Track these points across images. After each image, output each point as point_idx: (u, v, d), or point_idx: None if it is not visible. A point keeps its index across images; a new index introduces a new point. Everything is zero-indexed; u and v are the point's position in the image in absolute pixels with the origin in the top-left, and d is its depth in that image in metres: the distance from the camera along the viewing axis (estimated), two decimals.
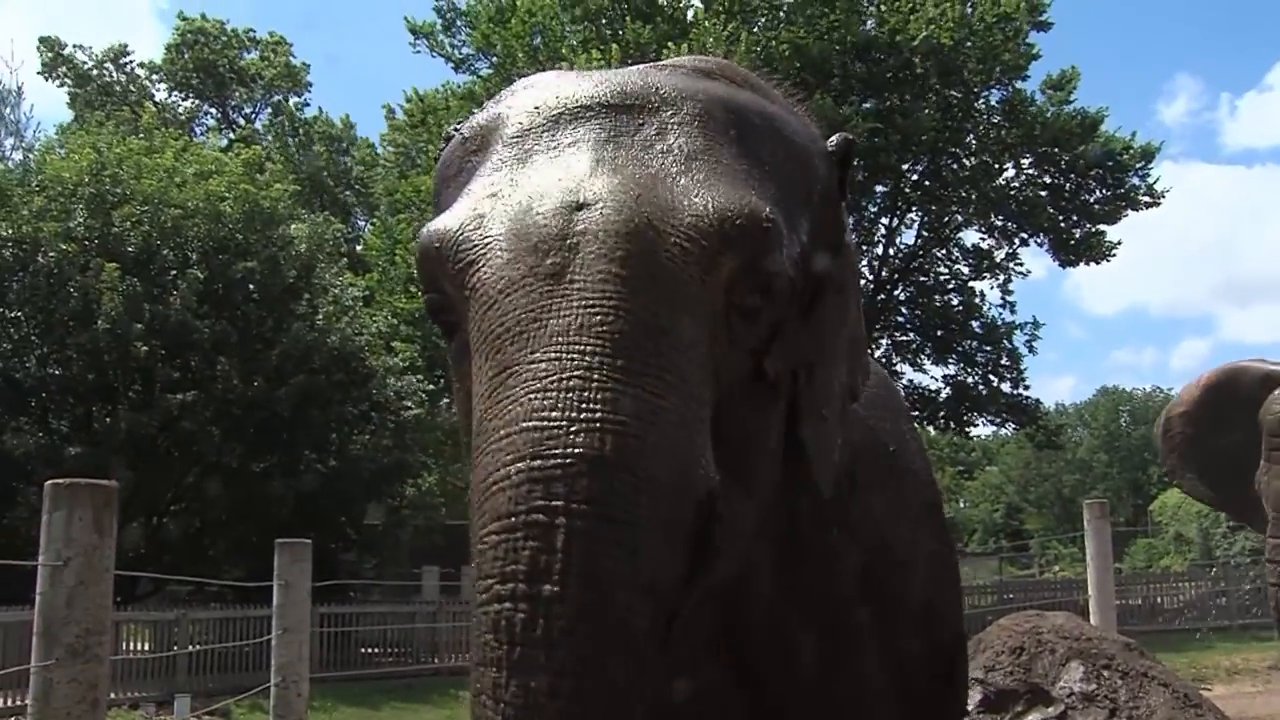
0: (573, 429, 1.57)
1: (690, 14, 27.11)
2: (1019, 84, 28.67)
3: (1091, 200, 29.80)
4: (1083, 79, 28.75)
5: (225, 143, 33.50)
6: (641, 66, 2.22)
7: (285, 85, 44.24)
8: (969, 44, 26.36)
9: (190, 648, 17.81)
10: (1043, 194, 29.56)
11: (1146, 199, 29.61)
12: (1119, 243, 30.29)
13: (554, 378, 1.62)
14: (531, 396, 1.61)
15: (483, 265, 1.79)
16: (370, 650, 21.99)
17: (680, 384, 1.68)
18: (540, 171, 1.91)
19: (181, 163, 23.40)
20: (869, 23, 26.68)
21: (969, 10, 26.44)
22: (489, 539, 1.56)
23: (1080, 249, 30.08)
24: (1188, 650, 18.76)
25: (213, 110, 44.99)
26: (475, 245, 1.82)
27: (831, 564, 2.45)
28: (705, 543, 1.70)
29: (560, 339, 1.66)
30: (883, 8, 27.07)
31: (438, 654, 22.54)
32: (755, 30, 25.98)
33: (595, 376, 1.61)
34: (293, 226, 23.57)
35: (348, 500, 23.09)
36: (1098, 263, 30.47)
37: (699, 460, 1.69)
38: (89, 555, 3.49)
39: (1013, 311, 31.38)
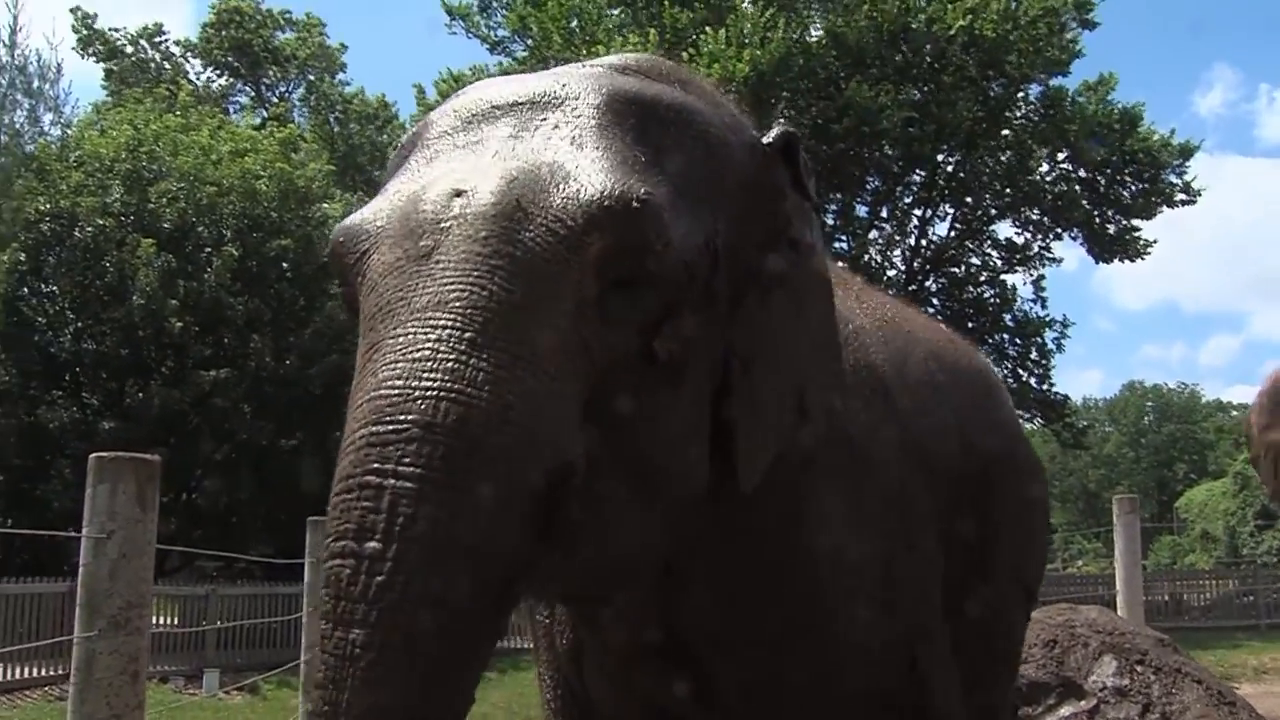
0: (411, 396, 1.63)
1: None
2: (1059, 79, 28.45)
3: (1126, 196, 29.58)
4: (1120, 68, 28.53)
5: (259, 121, 33.67)
6: (561, 68, 2.27)
7: (320, 65, 44.35)
8: (1012, 36, 26.13)
9: (219, 623, 17.90)
10: (1077, 189, 29.34)
11: (1183, 196, 29.40)
12: (1155, 241, 30.11)
13: (405, 350, 1.68)
14: (383, 368, 1.67)
15: (371, 253, 1.86)
16: None
17: (530, 357, 1.72)
18: (440, 167, 1.98)
19: (217, 140, 23.56)
20: (908, 11, 26.44)
21: (1014, 3, 26.21)
22: (333, 500, 1.62)
23: (1115, 245, 29.88)
24: (1215, 648, 18.67)
25: (247, 89, 45.14)
26: (368, 235, 1.89)
27: (775, 570, 2.43)
28: (559, 516, 1.73)
29: (419, 315, 1.72)
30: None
31: None
32: (793, 16, 25.86)
33: (441, 348, 1.67)
34: (327, 205, 23.66)
35: None
36: (1133, 260, 30.27)
37: (550, 432, 1.72)
38: (131, 528, 3.49)
39: (1044, 306, 31.21)
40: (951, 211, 31.36)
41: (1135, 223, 29.72)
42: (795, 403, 2.32)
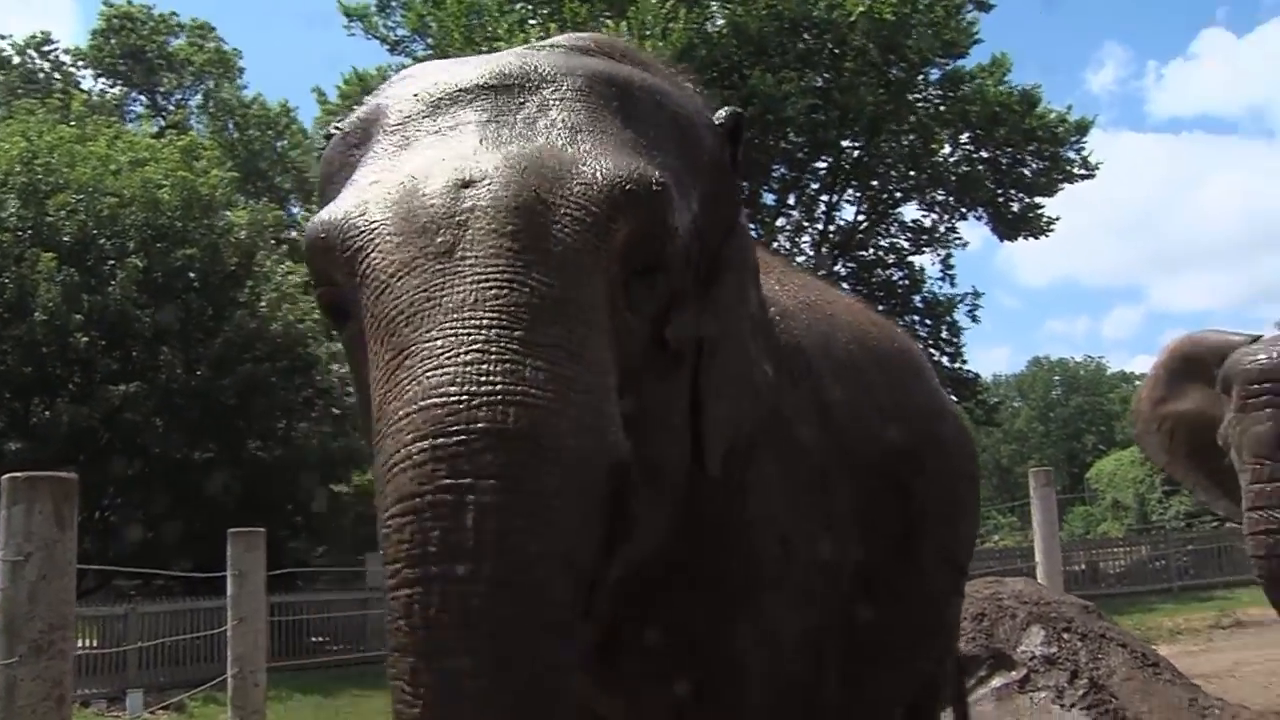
0: (474, 403, 1.54)
1: None
2: (958, 62, 28.88)
3: (1027, 174, 30.12)
4: (1015, 49, 29.08)
5: (156, 129, 33.03)
6: (519, 49, 2.20)
7: (216, 71, 43.56)
8: (911, 20, 26.46)
9: (140, 643, 17.56)
10: (981, 169, 29.82)
11: (1081, 171, 30.02)
12: (1058, 217, 30.72)
13: (450, 354, 1.58)
14: (429, 374, 1.57)
15: (371, 250, 1.75)
16: (320, 639, 21.87)
17: (582, 352, 1.66)
18: (422, 154, 1.88)
19: (115, 150, 23.13)
20: None
21: None
22: (393, 522, 1.52)
23: (1019, 223, 30.43)
24: (1131, 613, 19.12)
25: (141, 97, 44.22)
26: (362, 231, 1.78)
27: (726, 545, 2.40)
28: (621, 511, 1.69)
29: (455, 316, 1.62)
30: None
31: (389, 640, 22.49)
32: (694, 6, 25.92)
33: (493, 349, 1.58)
34: (231, 213, 23.32)
35: (294, 488, 22.91)
36: (1037, 237, 30.87)
37: (607, 428, 1.67)
38: (50, 549, 3.43)
39: (953, 284, 31.70)
40: (858, 196, 31.69)
41: (1038, 200, 30.29)
42: (750, 385, 2.29)
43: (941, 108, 29.29)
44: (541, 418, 1.56)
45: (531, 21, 26.03)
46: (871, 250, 32.53)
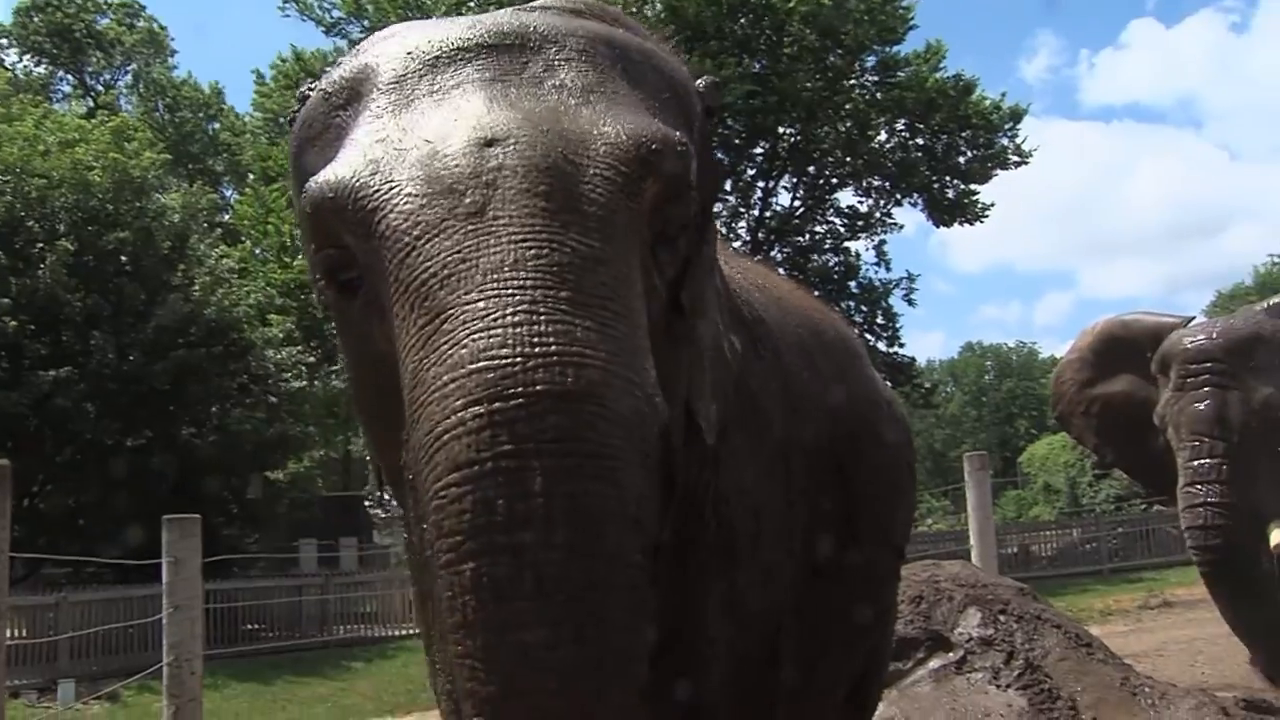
0: (529, 364, 1.48)
1: None
2: (894, 49, 29.09)
3: (962, 161, 30.42)
4: (950, 35, 29.35)
5: (85, 110, 32.42)
6: (511, 9, 2.13)
7: (147, 51, 42.79)
8: (848, 5, 26.61)
9: (71, 632, 17.28)
10: (917, 155, 30.08)
11: (1015, 159, 30.39)
12: (992, 204, 31.08)
13: (496, 315, 1.53)
14: (475, 337, 1.51)
15: (390, 211, 1.69)
16: (254, 626, 21.69)
17: (626, 312, 1.62)
18: (430, 112, 1.83)
19: (43, 131, 22.66)
20: None
21: None
22: (449, 492, 1.45)
23: (954, 209, 30.74)
24: (1064, 595, 19.41)
25: (69, 76, 43.32)
26: (378, 191, 1.72)
27: (699, 516, 2.33)
28: (668, 475, 1.66)
29: (495, 276, 1.57)
30: None
31: (326, 627, 22.38)
32: None
33: (541, 310, 1.53)
34: (165, 196, 22.95)
35: (229, 474, 22.66)
36: (972, 223, 31.19)
37: (654, 389, 1.62)
38: None
39: (888, 269, 31.98)
40: (794, 182, 31.83)
41: (973, 187, 30.62)
42: (724, 355, 2.27)
43: (878, 94, 29.49)
44: (600, 377, 1.51)
45: (470, 4, 25.86)
46: (808, 236, 32.71)
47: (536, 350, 1.49)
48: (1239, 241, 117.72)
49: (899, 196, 31.37)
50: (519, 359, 1.48)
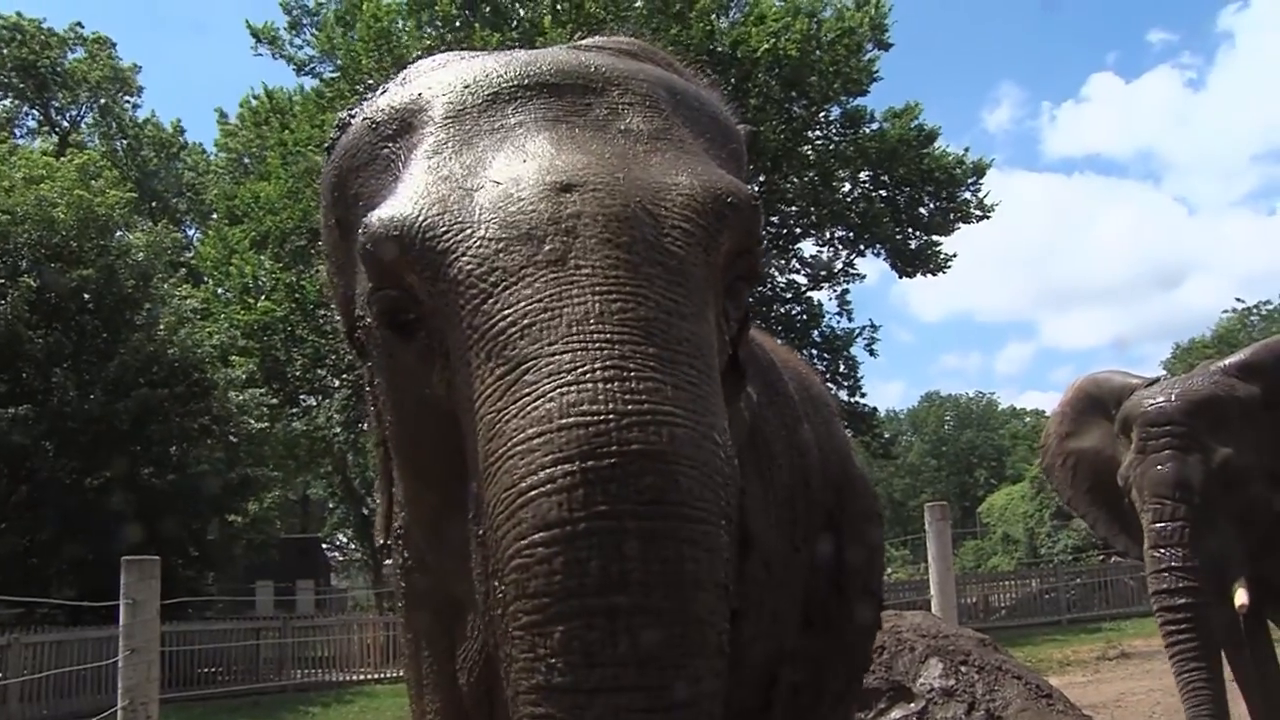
0: (623, 423, 1.42)
1: (537, 24, 27.10)
2: (859, 100, 29.46)
3: (925, 214, 30.72)
4: (914, 87, 29.76)
5: (41, 144, 32.23)
6: (563, 47, 2.09)
7: (113, 87, 42.61)
8: (814, 57, 26.95)
9: (24, 674, 16.98)
10: (880, 206, 30.35)
11: (978, 212, 30.70)
12: (955, 255, 31.33)
13: (585, 369, 1.46)
14: (563, 391, 1.45)
15: (464, 254, 1.62)
16: (211, 669, 21.42)
17: (707, 370, 1.56)
18: (497, 153, 1.76)
19: (8, 166, 22.52)
20: (714, 35, 27.03)
21: (814, 25, 27.05)
22: (535, 552, 1.38)
23: (917, 260, 30.98)
24: (1022, 645, 19.49)
25: (34, 112, 43.05)
26: (449, 232, 1.65)
27: None
28: (743, 535, 1.64)
29: (580, 328, 1.50)
30: (727, 20, 27.50)
31: (284, 670, 22.14)
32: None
33: (631, 365, 1.46)
34: (130, 235, 22.84)
35: (189, 516, 22.44)
36: (935, 274, 31.43)
37: (732, 449, 1.55)
38: None
39: (850, 319, 32.16)
40: None
41: (935, 238, 30.89)
42: (740, 410, 2.15)
43: (842, 145, 29.80)
44: (690, 437, 1.45)
45: (440, 50, 25.98)
46: (770, 285, 32.86)
47: (629, 408, 1.43)
48: (1197, 294, 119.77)
49: (862, 247, 31.63)
50: (611, 416, 1.42)
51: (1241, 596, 6.35)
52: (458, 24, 26.84)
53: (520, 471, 1.43)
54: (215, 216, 32.79)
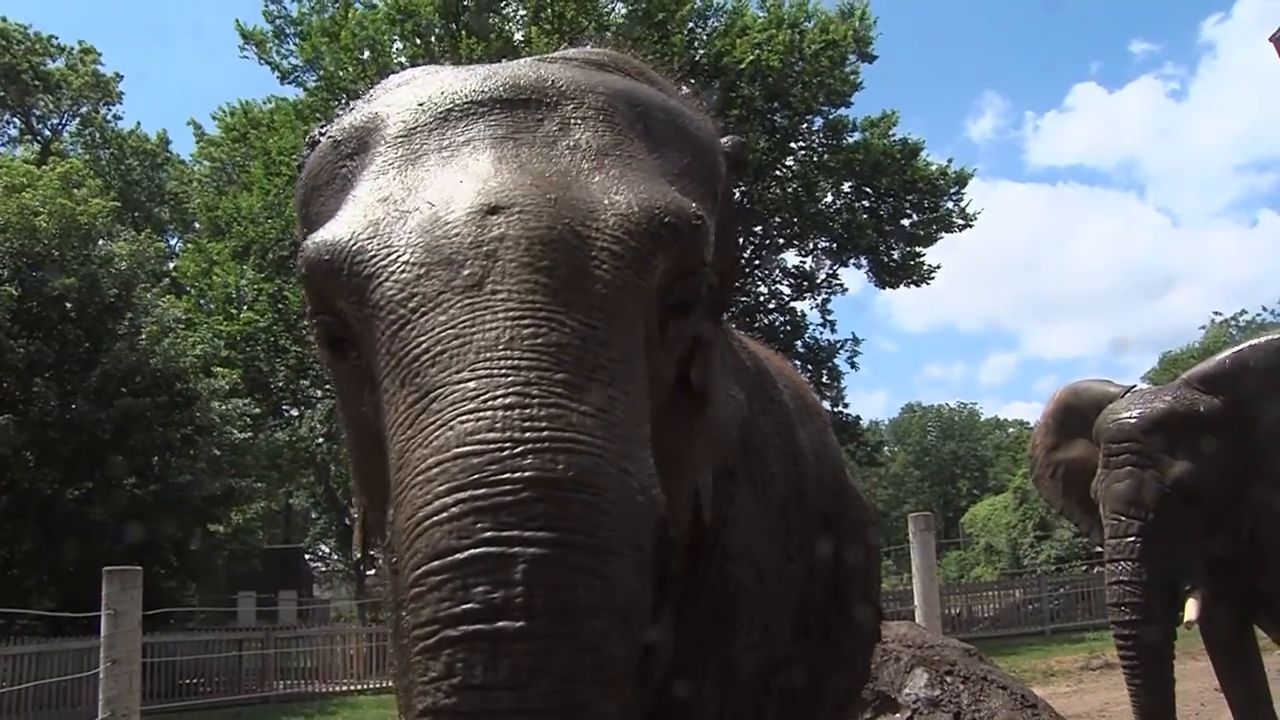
0: (517, 450, 1.40)
1: (520, 34, 27.13)
2: (842, 111, 29.54)
3: (907, 225, 30.82)
4: (897, 97, 29.83)
5: (24, 153, 32.11)
6: (529, 59, 2.04)
7: (95, 95, 42.46)
8: (797, 68, 27.04)
9: (3, 686, 16.86)
10: (863, 217, 30.43)
11: (960, 222, 30.81)
12: (938, 266, 31.44)
13: (486, 396, 1.44)
14: (463, 419, 1.43)
15: (386, 280, 1.60)
16: (193, 680, 21.32)
17: (625, 396, 1.52)
18: (437, 173, 1.74)
19: None
20: (696, 46, 27.13)
21: (797, 36, 27.14)
22: (427, 580, 1.37)
23: (899, 271, 31.08)
24: (1005, 655, 19.51)
25: (15, 119, 42.88)
26: (375, 256, 1.63)
27: (704, 578, 2.25)
28: (664, 569, 1.56)
29: (489, 355, 1.48)
30: (709, 31, 27.58)
31: (266, 681, 22.05)
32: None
33: (534, 392, 1.44)
34: (113, 244, 22.77)
35: (171, 526, 22.33)
36: (918, 285, 31.53)
37: (651, 479, 1.52)
38: None
39: (833, 330, 32.22)
40: (741, 241, 31.97)
41: (918, 249, 30.98)
42: (732, 424, 2.15)
43: (825, 156, 29.88)
44: (592, 465, 1.42)
45: (423, 59, 25.98)
46: (753, 296, 32.93)
47: (526, 435, 1.42)
48: (1181, 305, 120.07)
49: (845, 257, 31.70)
50: (508, 444, 1.41)
51: (1191, 611, 6.54)
52: (440, 33, 26.85)
53: (419, 501, 1.42)
54: (198, 226, 32.68)
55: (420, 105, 1.86)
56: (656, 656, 1.52)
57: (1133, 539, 6.48)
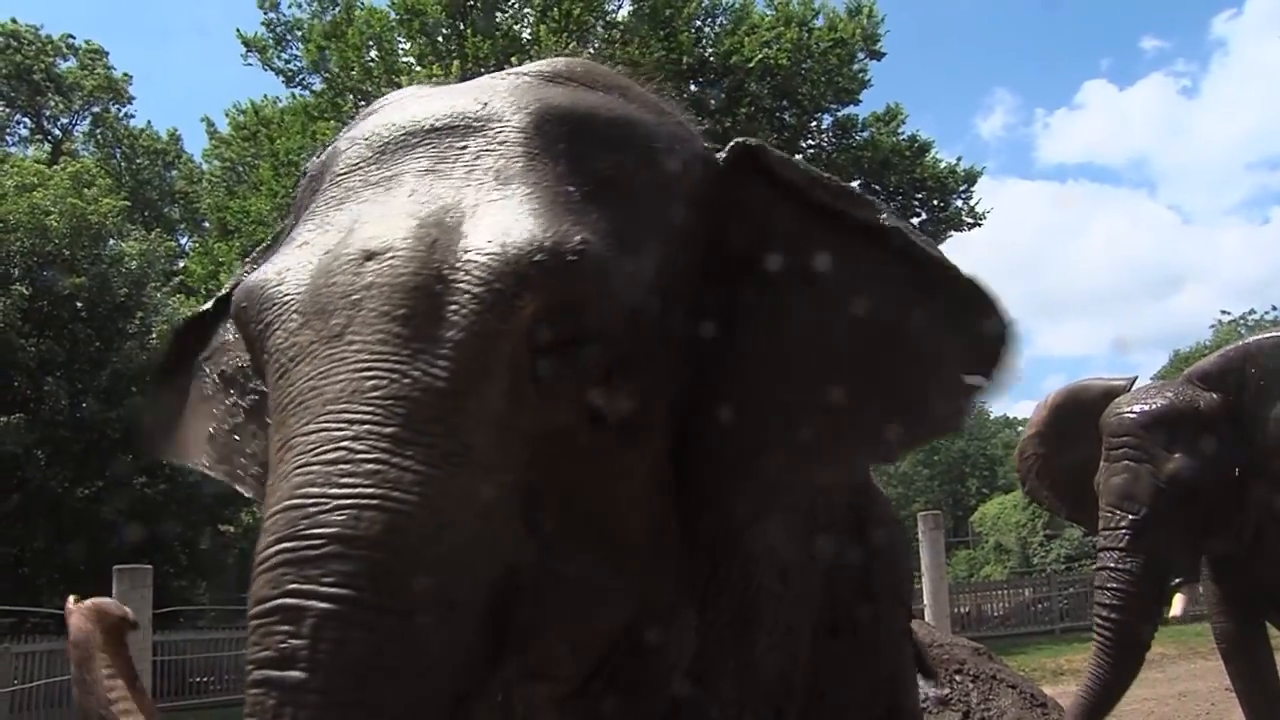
0: (328, 506, 1.45)
1: (528, 32, 27.12)
2: (851, 109, 29.50)
3: (917, 223, 30.73)
4: (906, 95, 29.70)
5: (33, 152, 32.18)
6: (488, 77, 2.02)
7: (106, 96, 42.57)
8: (805, 66, 27.00)
9: (15, 684, 16.92)
10: None
11: (969, 220, 30.74)
12: None
13: (317, 450, 1.49)
14: (296, 473, 1.49)
15: (278, 328, 1.65)
16: (203, 678, 21.35)
17: (462, 450, 1.53)
18: (349, 213, 1.75)
19: (1, 174, 22.48)
20: (703, 44, 27.11)
21: (805, 34, 27.11)
22: (251, 622, 1.45)
23: None
24: (1015, 654, 19.45)
25: (26, 120, 43.00)
26: (274, 305, 1.67)
27: (724, 579, 2.22)
28: (506, 620, 1.56)
29: (332, 409, 1.52)
30: (718, 28, 27.56)
31: None
32: (592, 48, 26.13)
33: (359, 446, 1.48)
34: (124, 243, 22.84)
35: (181, 525, 22.41)
36: None
37: (490, 534, 1.54)
38: None
39: None
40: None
41: None
42: (805, 469, 1.99)
43: (833, 154, 29.83)
44: (398, 523, 1.45)
45: (430, 58, 25.99)
46: None
47: (340, 491, 1.46)
48: (1190, 303, 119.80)
49: None
50: (322, 499, 1.46)
51: (1177, 606, 6.70)
52: (448, 33, 26.84)
53: (260, 547, 1.48)
54: (208, 226, 32.74)
55: (366, 139, 1.86)
56: (472, 708, 1.52)
57: (1124, 531, 6.51)
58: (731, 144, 2.06)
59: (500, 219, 1.66)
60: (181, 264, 33.94)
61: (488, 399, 1.57)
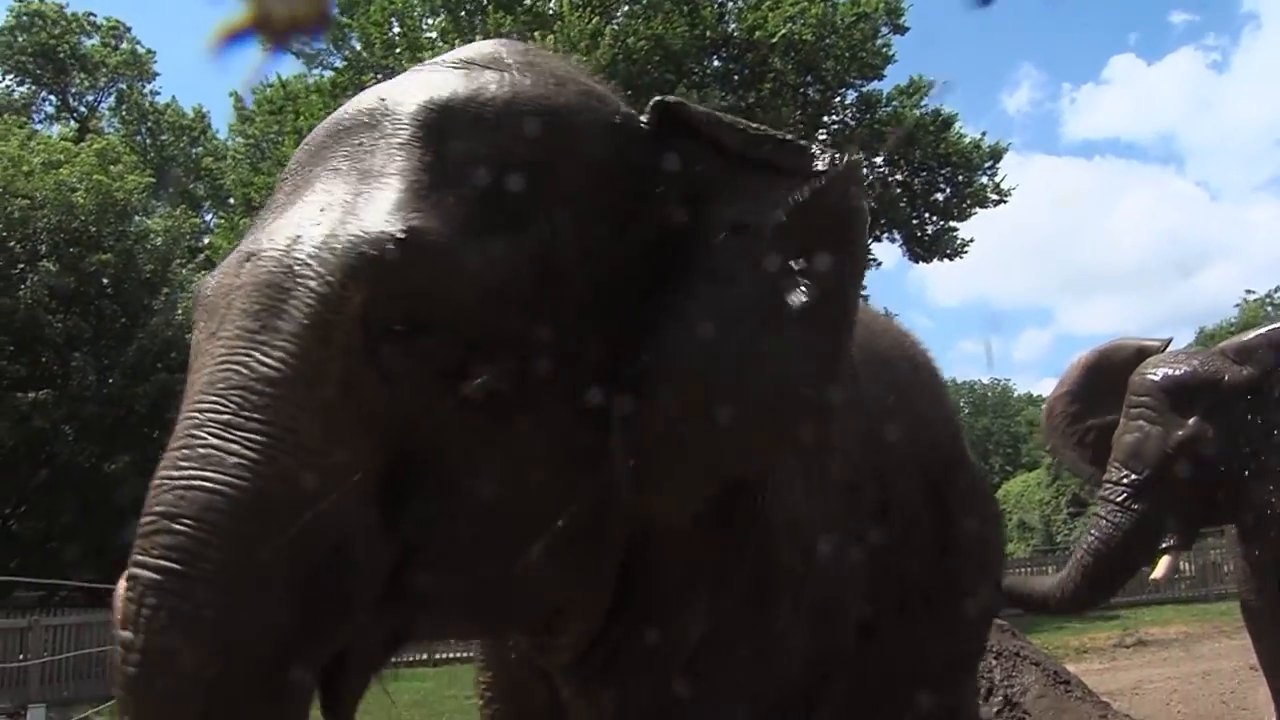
0: (166, 487, 1.66)
1: (553, 5, 27.00)
2: (875, 84, 29.30)
3: (940, 199, 30.55)
4: (931, 70, 29.35)
5: (57, 129, 32.31)
6: (414, 68, 2.13)
7: (130, 73, 42.61)
8: (829, 40, 26.83)
9: (45, 655, 17.09)
10: (896, 191, 30.20)
11: (995, 197, 30.51)
12: (971, 240, 31.14)
13: (177, 437, 1.72)
14: (165, 457, 1.72)
15: (196, 325, 1.90)
16: None
17: (287, 435, 1.69)
18: (273, 216, 1.94)
19: (28, 151, 22.55)
20: (728, 19, 26.96)
21: (830, 9, 26.92)
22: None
23: (933, 245, 30.83)
24: (1038, 632, 19.44)
25: (52, 97, 43.09)
26: (197, 307, 1.92)
27: (737, 548, 2.25)
28: (332, 589, 1.69)
29: (191, 400, 1.74)
30: (741, 4, 27.39)
31: None
32: (616, 23, 26.04)
33: (199, 433, 1.69)
34: (150, 220, 22.91)
35: None
36: (951, 259, 31.26)
37: (309, 508, 1.66)
38: None
39: (866, 304, 31.99)
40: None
41: (951, 223, 30.71)
42: (753, 404, 1.97)
43: (858, 129, 29.63)
44: (215, 503, 1.64)
45: (453, 33, 25.91)
46: None
47: (176, 474, 1.66)
48: (1218, 281, 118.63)
49: (878, 232, 31.49)
50: (166, 481, 1.67)
51: (1160, 569, 6.83)
52: (471, 8, 26.75)
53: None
54: (232, 202, 32.78)
55: (306, 143, 2.04)
56: (298, 671, 1.68)
57: (1124, 489, 6.58)
58: (652, 103, 2.10)
59: (349, 214, 1.81)
60: (207, 240, 34.06)
61: (318, 386, 1.73)
